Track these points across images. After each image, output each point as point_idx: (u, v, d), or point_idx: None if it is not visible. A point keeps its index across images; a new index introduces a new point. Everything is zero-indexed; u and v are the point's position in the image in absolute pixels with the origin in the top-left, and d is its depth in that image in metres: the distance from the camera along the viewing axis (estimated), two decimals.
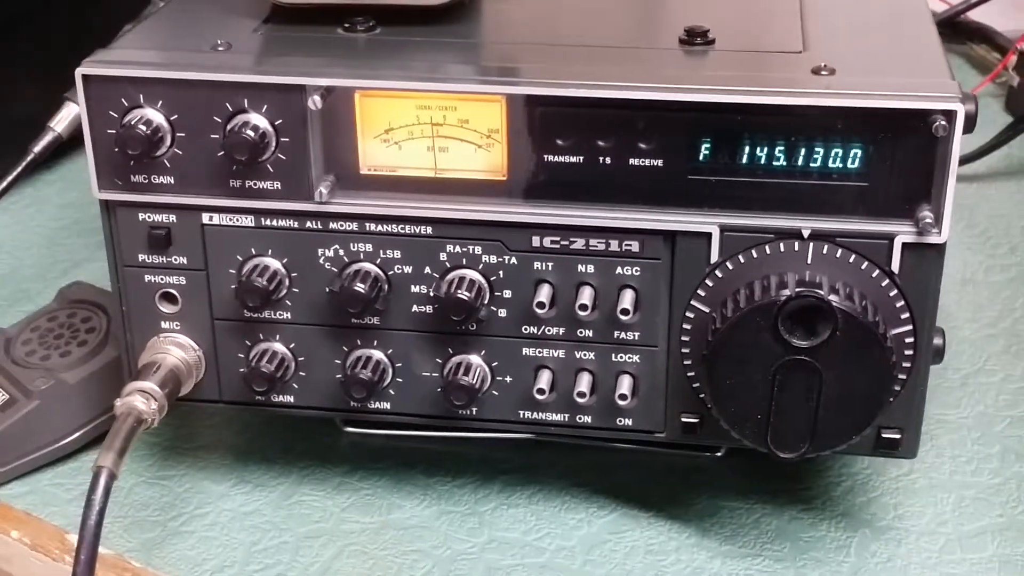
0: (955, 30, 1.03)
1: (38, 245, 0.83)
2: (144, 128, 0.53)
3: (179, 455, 0.66)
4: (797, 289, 0.51)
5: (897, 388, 0.54)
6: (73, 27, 0.60)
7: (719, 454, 0.64)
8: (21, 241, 0.84)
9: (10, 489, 0.64)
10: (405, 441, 0.66)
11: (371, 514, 0.62)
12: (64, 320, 0.68)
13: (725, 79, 0.52)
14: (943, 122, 0.49)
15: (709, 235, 0.53)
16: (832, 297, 0.50)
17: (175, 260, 0.57)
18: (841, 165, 0.51)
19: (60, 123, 0.72)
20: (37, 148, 0.71)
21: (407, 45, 0.56)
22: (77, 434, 0.65)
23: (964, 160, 0.88)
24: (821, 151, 0.51)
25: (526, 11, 0.61)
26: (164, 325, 0.58)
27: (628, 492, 0.63)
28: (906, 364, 0.54)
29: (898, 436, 0.55)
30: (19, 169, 0.71)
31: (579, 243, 0.54)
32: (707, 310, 0.54)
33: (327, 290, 0.56)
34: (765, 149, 0.52)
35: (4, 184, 0.71)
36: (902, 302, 0.52)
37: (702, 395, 0.54)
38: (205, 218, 0.56)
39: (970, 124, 0.52)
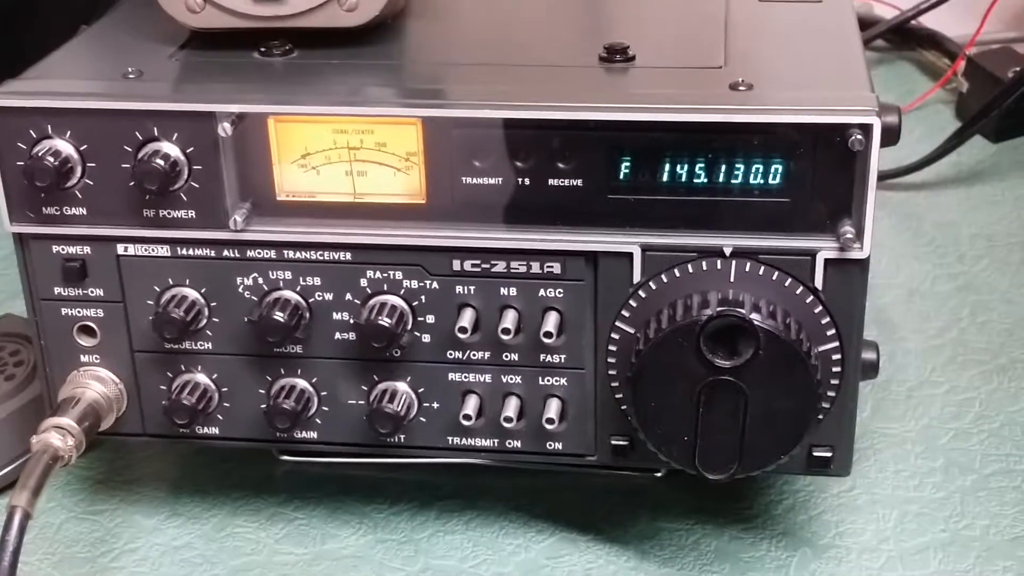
0: (905, 36, 1.03)
1: None
2: (52, 159, 0.52)
3: (111, 489, 0.65)
4: (719, 308, 0.50)
5: (826, 405, 0.53)
6: (3, 54, 0.59)
7: (659, 474, 0.63)
8: None
9: None
10: (342, 468, 0.65)
11: (305, 545, 0.61)
12: None
13: (642, 97, 0.51)
14: (859, 136, 0.48)
15: (631, 255, 0.52)
16: (754, 315, 0.50)
17: (91, 292, 0.56)
18: (761, 181, 0.51)
19: None
20: None
21: (324, 68, 0.55)
22: (5, 470, 0.63)
23: (911, 168, 0.87)
24: (740, 168, 0.51)
25: (448, 31, 0.60)
26: (83, 358, 0.57)
27: (567, 515, 0.62)
28: (834, 381, 0.53)
29: (829, 454, 0.54)
30: None
31: (500, 266, 0.53)
32: (632, 331, 0.53)
33: (246, 319, 0.55)
34: (684, 167, 0.51)
35: None
36: (827, 319, 0.52)
37: (630, 417, 0.53)
38: (120, 249, 0.55)
39: (892, 136, 0.51)
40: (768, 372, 0.50)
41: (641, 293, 0.52)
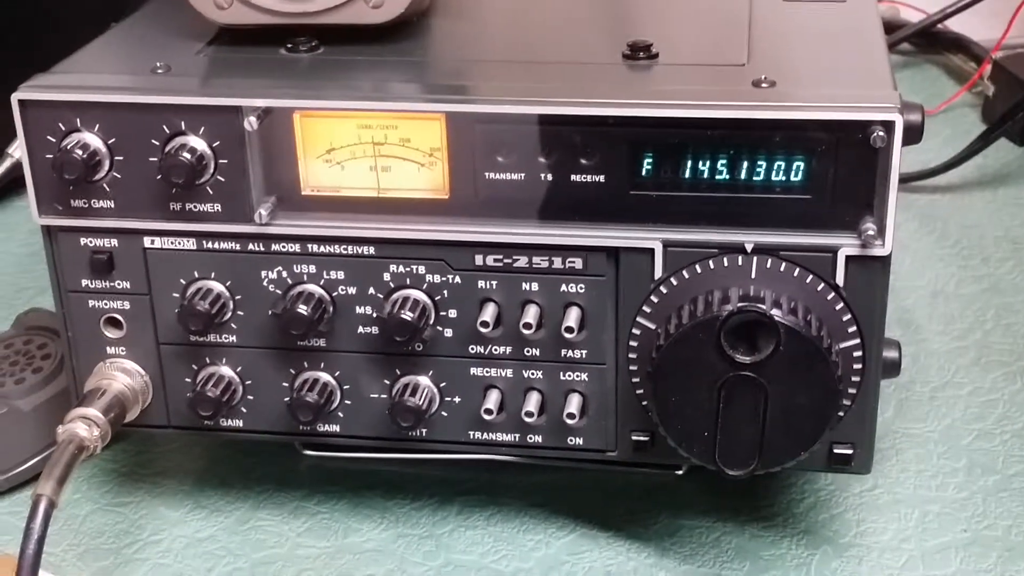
0: (932, 40, 1.03)
1: (4, 271, 0.83)
2: (81, 152, 0.52)
3: (136, 481, 0.66)
4: (739, 304, 0.50)
5: (847, 403, 0.53)
6: (31, 50, 0.60)
7: (680, 472, 0.63)
8: None
9: None
10: (364, 463, 0.65)
11: (327, 538, 0.62)
12: (20, 347, 0.68)
13: (665, 93, 0.51)
14: (881, 133, 0.49)
15: (652, 251, 0.52)
16: (775, 312, 0.50)
17: (118, 285, 0.56)
18: (783, 178, 0.51)
19: (19, 148, 0.71)
20: None
21: (349, 64, 0.56)
22: (32, 461, 0.64)
23: (937, 171, 0.87)
24: (763, 164, 0.51)
25: (473, 28, 0.61)
26: (110, 350, 0.57)
27: (588, 512, 0.62)
28: (855, 378, 0.53)
29: (850, 451, 0.54)
30: None
31: (522, 261, 0.53)
32: (653, 326, 0.53)
33: (270, 312, 0.55)
34: (707, 163, 0.51)
35: None
36: (848, 315, 0.52)
37: (650, 413, 0.53)
38: (147, 242, 0.55)
39: (915, 134, 0.51)
40: (789, 368, 0.50)
41: (662, 289, 0.53)
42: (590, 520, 0.62)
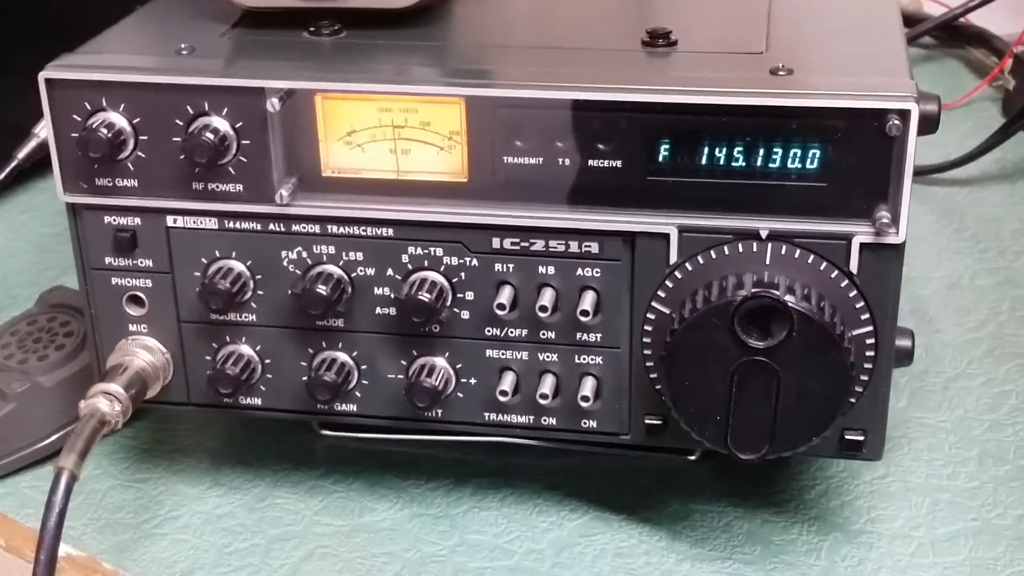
0: (953, 34, 1.03)
1: (29, 251, 0.84)
2: (106, 131, 0.53)
3: (156, 457, 0.66)
4: (753, 289, 0.50)
5: (859, 389, 0.54)
6: (59, 31, 0.60)
7: (693, 457, 0.64)
8: (12, 247, 0.85)
9: None
10: (381, 444, 0.66)
11: (343, 517, 0.62)
12: (44, 324, 0.69)
13: (682, 79, 0.52)
14: (897, 121, 0.49)
15: (667, 236, 0.53)
16: (788, 297, 0.50)
17: (141, 263, 0.57)
18: (798, 165, 0.51)
19: (45, 128, 0.72)
20: (21, 154, 0.72)
21: (371, 48, 0.56)
22: (54, 436, 0.65)
23: (955, 163, 0.87)
24: (779, 151, 0.51)
25: (495, 13, 0.61)
26: (132, 327, 0.58)
27: (601, 495, 0.63)
28: (868, 365, 0.53)
29: (862, 438, 0.55)
30: (2, 175, 0.72)
31: (539, 245, 0.54)
32: (667, 311, 0.53)
33: (289, 292, 0.56)
34: (723, 149, 0.52)
35: None
36: (862, 303, 0.52)
37: (663, 396, 0.54)
38: (169, 221, 0.56)
39: (931, 124, 0.52)
40: (801, 354, 0.51)
41: (677, 274, 0.53)
42: (603, 503, 0.62)
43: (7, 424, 0.64)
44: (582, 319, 0.54)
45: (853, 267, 0.52)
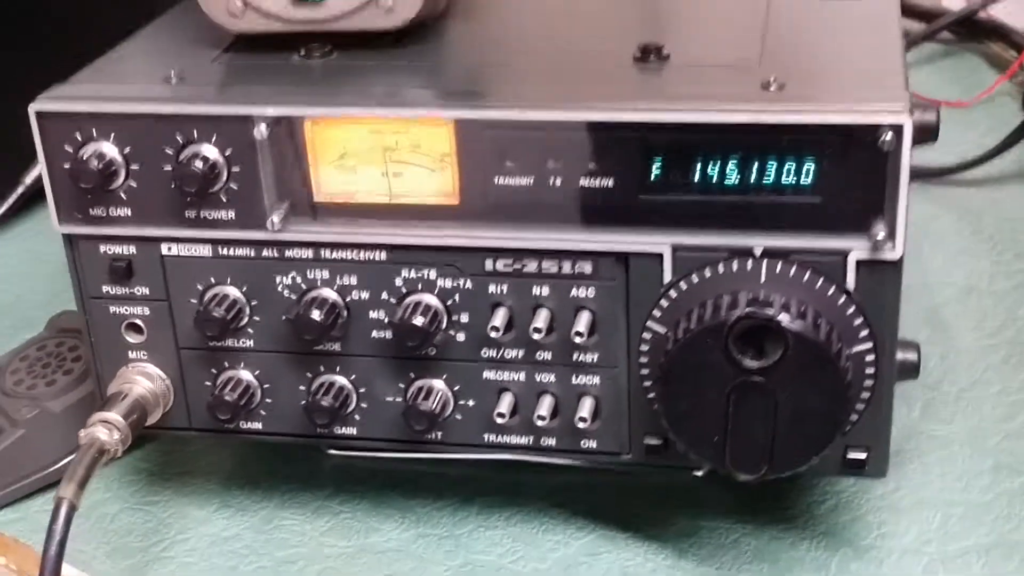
0: (972, 29, 1.01)
1: (43, 275, 0.84)
2: (96, 162, 0.53)
3: (165, 480, 0.67)
4: (747, 309, 0.50)
5: (860, 407, 0.53)
6: (71, 53, 0.61)
7: (699, 473, 0.63)
8: (27, 270, 0.85)
9: (1, 516, 0.65)
10: (387, 463, 0.66)
11: (349, 538, 0.62)
12: (52, 349, 0.69)
13: (672, 96, 0.51)
14: (890, 136, 0.48)
15: (661, 255, 0.52)
16: (782, 316, 0.49)
17: (138, 291, 0.57)
18: (792, 181, 0.50)
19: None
20: (28, 179, 0.72)
21: (361, 70, 0.56)
22: (64, 461, 0.65)
23: (972, 163, 0.86)
24: (772, 167, 0.50)
25: (486, 32, 0.61)
26: (132, 355, 0.58)
27: (607, 513, 0.62)
28: (868, 382, 0.52)
29: (864, 456, 0.54)
30: (10, 201, 0.72)
31: (532, 266, 0.54)
32: (663, 330, 0.53)
33: (284, 318, 0.56)
34: (716, 166, 0.51)
35: None
36: (860, 319, 0.51)
37: (661, 417, 0.53)
38: (164, 249, 0.56)
39: (930, 134, 0.51)
40: (797, 373, 0.50)
41: (672, 293, 0.52)
42: (609, 521, 0.62)
43: (17, 450, 0.65)
44: (577, 340, 0.54)
45: (850, 284, 0.51)
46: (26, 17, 0.87)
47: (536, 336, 0.54)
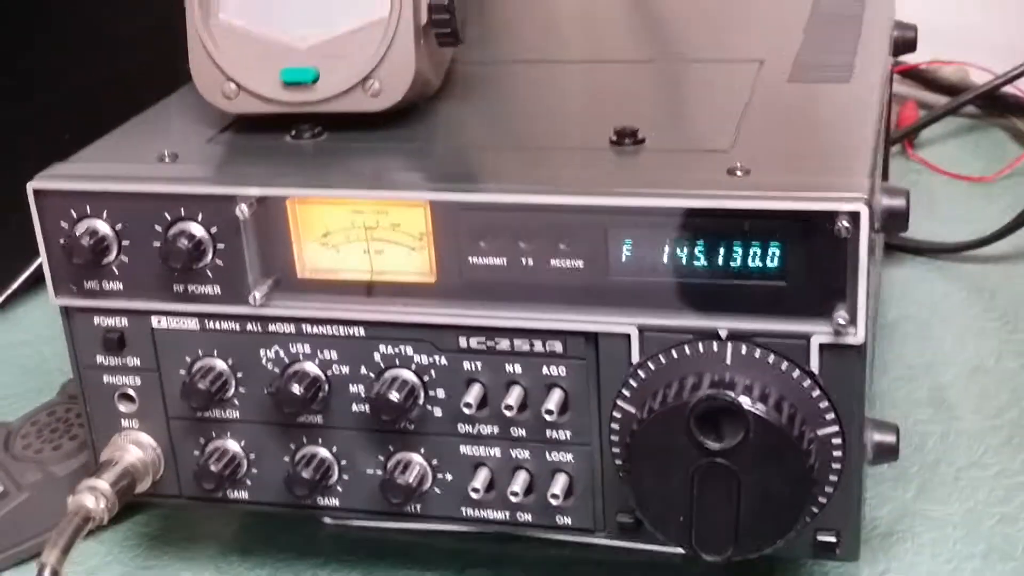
0: (997, 103, 1.01)
1: (60, 340, 0.87)
2: (88, 238, 0.55)
3: (164, 545, 0.68)
4: (708, 391, 0.50)
5: (829, 489, 0.53)
6: (91, 114, 0.64)
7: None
8: (52, 333, 0.87)
9: None
10: (380, 533, 0.67)
11: None
12: (61, 414, 0.71)
13: (640, 182, 0.52)
14: (846, 223, 0.48)
15: (628, 336, 0.53)
16: (743, 399, 0.50)
17: (130, 362, 0.59)
18: (758, 265, 0.51)
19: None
20: None
21: (348, 151, 0.58)
22: None
23: (988, 240, 0.85)
24: (738, 252, 0.51)
25: (473, 114, 0.62)
26: (124, 423, 0.60)
27: None
28: (836, 465, 0.52)
29: (834, 539, 0.54)
30: (36, 264, 0.75)
31: (504, 344, 0.55)
32: (632, 410, 0.53)
33: (265, 391, 0.57)
34: (683, 250, 0.52)
35: (13, 287, 0.75)
36: (826, 403, 0.51)
37: (628, 496, 0.54)
38: (154, 322, 0.58)
39: (900, 222, 0.51)
40: (759, 456, 0.50)
41: (640, 373, 0.53)
42: None
43: (22, 512, 0.67)
44: (548, 417, 0.54)
45: (814, 367, 0.51)
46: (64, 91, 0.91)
47: (508, 413, 0.55)
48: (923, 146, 1.03)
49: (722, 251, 0.51)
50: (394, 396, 0.55)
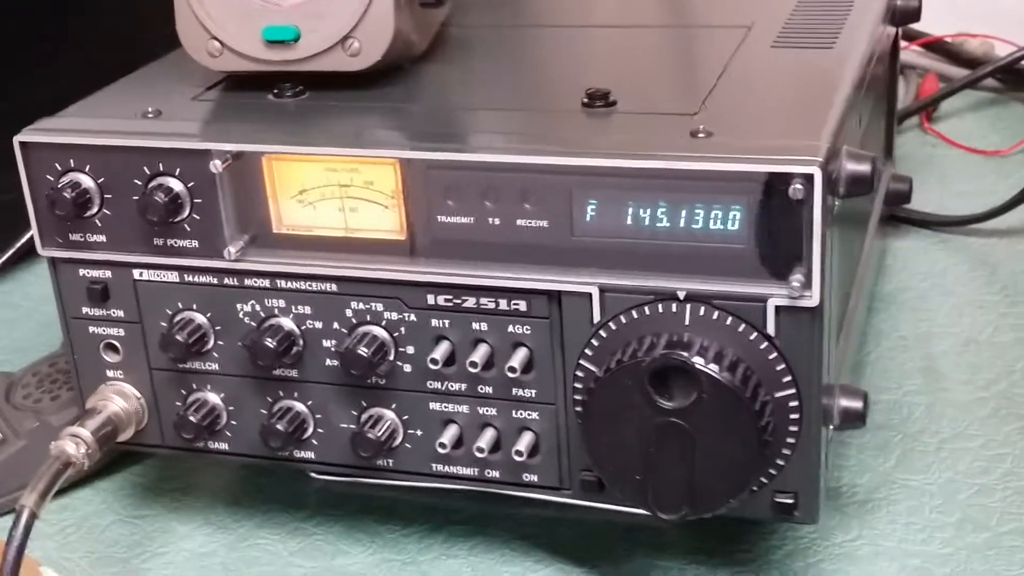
0: (1016, 76, 1.00)
1: None
2: (71, 191, 0.57)
3: (157, 495, 0.70)
4: (663, 351, 0.51)
5: (787, 451, 0.53)
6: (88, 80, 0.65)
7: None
8: None
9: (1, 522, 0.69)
10: (365, 488, 0.68)
11: (317, 559, 0.65)
12: (62, 366, 0.73)
13: (605, 142, 0.52)
14: (800, 185, 0.49)
15: (590, 295, 0.53)
16: (696, 359, 0.50)
17: (113, 313, 0.60)
18: (720, 227, 0.51)
19: None
20: None
21: (327, 110, 0.59)
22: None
23: (993, 213, 0.85)
24: (699, 213, 0.51)
25: (454, 76, 0.63)
26: (110, 373, 0.62)
27: (568, 548, 0.63)
28: (793, 428, 0.53)
29: (792, 501, 0.54)
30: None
31: (471, 302, 0.55)
32: (594, 369, 0.54)
33: (240, 344, 0.58)
34: (647, 211, 0.52)
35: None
36: (783, 365, 0.52)
37: (587, 454, 0.54)
38: (136, 274, 0.59)
39: (864, 186, 0.51)
40: (712, 416, 0.51)
41: (602, 333, 0.54)
42: (568, 555, 0.63)
43: (19, 460, 0.69)
44: (510, 375, 0.55)
45: (771, 329, 0.51)
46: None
47: (473, 370, 0.55)
48: (941, 119, 1.02)
49: (683, 213, 0.51)
50: (363, 351, 0.56)
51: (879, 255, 0.82)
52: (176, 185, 0.57)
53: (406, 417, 0.58)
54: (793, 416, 0.52)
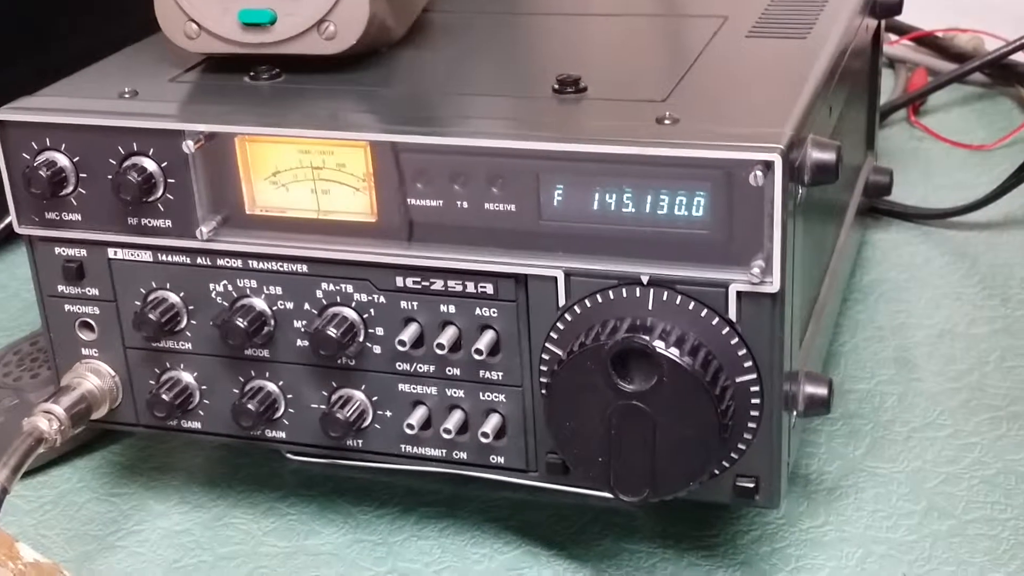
0: (1004, 71, 1.00)
1: None
2: (46, 170, 0.57)
3: (134, 474, 0.71)
4: (625, 334, 0.51)
5: (748, 436, 0.53)
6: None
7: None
8: None
9: None
10: (340, 470, 0.69)
11: (289, 539, 0.65)
12: (42, 345, 0.74)
13: (572, 128, 0.53)
14: (759, 172, 0.49)
15: (555, 279, 0.54)
16: (657, 344, 0.51)
17: (88, 291, 0.61)
18: (679, 213, 0.52)
19: None
20: None
21: (301, 92, 0.59)
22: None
23: (974, 206, 0.85)
24: (664, 199, 0.52)
25: (429, 61, 0.64)
26: (85, 351, 0.62)
27: (537, 530, 0.64)
28: (754, 413, 0.53)
29: (752, 485, 0.55)
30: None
31: (439, 284, 0.56)
32: (559, 352, 0.54)
33: (211, 324, 0.59)
34: (612, 196, 0.53)
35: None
36: (744, 350, 0.52)
37: (551, 436, 0.55)
38: (111, 253, 0.60)
39: (828, 174, 0.52)
40: (673, 400, 0.51)
41: (567, 316, 0.54)
42: (537, 538, 0.63)
43: None
44: (476, 357, 0.56)
45: (732, 315, 0.52)
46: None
47: (439, 352, 0.56)
48: (928, 113, 1.03)
49: (648, 198, 0.52)
50: (332, 332, 0.57)
51: (858, 246, 0.82)
52: (150, 165, 0.57)
53: (375, 398, 0.59)
54: (754, 401, 0.53)
